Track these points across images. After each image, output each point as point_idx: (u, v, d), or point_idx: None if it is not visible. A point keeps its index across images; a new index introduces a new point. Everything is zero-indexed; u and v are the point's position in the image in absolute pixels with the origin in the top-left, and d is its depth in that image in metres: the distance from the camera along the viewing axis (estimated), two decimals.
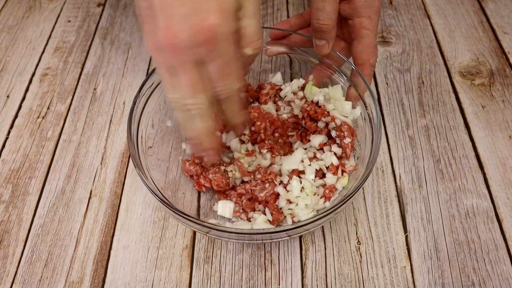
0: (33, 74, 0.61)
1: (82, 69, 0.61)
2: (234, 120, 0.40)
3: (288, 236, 0.40)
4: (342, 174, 0.44)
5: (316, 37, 0.46)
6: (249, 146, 0.47)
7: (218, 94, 0.36)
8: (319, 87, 0.50)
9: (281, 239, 0.43)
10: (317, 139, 0.46)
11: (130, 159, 0.51)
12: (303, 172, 0.45)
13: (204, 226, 0.38)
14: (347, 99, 0.48)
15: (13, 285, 0.43)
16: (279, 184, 0.44)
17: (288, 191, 0.43)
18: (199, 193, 0.48)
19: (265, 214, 0.43)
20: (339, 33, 0.48)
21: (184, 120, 0.37)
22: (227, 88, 0.36)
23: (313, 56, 0.50)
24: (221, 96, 0.36)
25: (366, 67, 0.46)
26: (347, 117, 0.47)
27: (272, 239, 0.41)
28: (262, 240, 0.41)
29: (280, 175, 0.45)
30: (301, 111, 0.48)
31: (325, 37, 0.45)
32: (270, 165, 0.46)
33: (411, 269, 0.43)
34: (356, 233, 0.45)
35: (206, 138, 0.38)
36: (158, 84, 0.47)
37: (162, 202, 0.39)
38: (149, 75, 0.46)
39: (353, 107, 0.47)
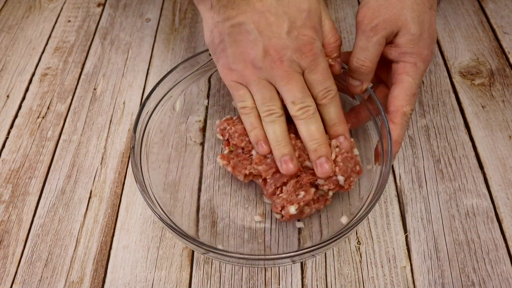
0: (33, 74, 0.61)
1: (82, 69, 0.61)
2: (338, 127, 0.41)
3: (292, 262, 0.39)
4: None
5: (351, 76, 0.43)
6: None
7: (322, 99, 0.39)
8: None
9: (283, 265, 0.43)
10: None
11: (130, 160, 0.51)
12: None
13: (203, 248, 0.37)
14: (375, 157, 0.44)
15: (13, 285, 0.43)
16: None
17: None
18: (198, 194, 0.48)
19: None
20: (384, 78, 0.45)
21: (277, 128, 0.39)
22: (330, 90, 0.39)
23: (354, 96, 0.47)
24: (324, 100, 0.39)
25: (398, 114, 0.41)
26: None
27: (274, 264, 0.41)
28: (264, 265, 0.41)
29: None
30: None
31: (361, 78, 0.42)
32: None
33: (411, 269, 0.43)
34: (356, 233, 0.45)
35: (319, 139, 0.39)
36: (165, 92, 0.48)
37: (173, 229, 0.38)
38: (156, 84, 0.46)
39: (378, 164, 0.43)
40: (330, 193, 0.42)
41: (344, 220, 0.43)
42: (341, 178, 0.40)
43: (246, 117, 0.40)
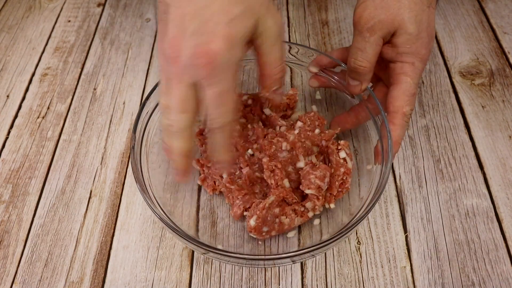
0: (33, 74, 0.61)
1: (82, 69, 0.61)
2: (217, 155, 0.37)
3: (292, 262, 0.39)
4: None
5: (350, 76, 0.43)
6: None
7: (209, 123, 0.34)
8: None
9: (283, 265, 0.43)
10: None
11: (130, 160, 0.51)
12: None
13: (202, 248, 0.37)
14: (375, 156, 0.44)
15: (13, 285, 0.43)
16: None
17: None
18: (198, 194, 0.48)
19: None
20: (382, 77, 0.45)
21: (164, 131, 0.35)
22: (219, 118, 0.34)
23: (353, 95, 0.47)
24: (211, 126, 0.34)
25: (398, 115, 0.41)
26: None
27: (274, 265, 0.41)
28: (264, 265, 0.41)
29: None
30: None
31: (360, 79, 0.42)
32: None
33: (411, 269, 0.43)
34: (356, 233, 0.45)
35: (178, 157, 0.36)
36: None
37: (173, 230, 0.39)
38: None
39: (378, 163, 0.43)
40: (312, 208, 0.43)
41: (344, 220, 0.43)
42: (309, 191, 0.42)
43: None
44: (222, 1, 0.31)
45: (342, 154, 0.44)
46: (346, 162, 0.44)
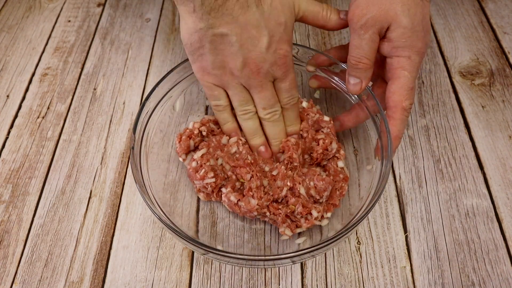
0: (33, 74, 0.61)
1: (82, 69, 0.61)
2: (294, 127, 0.46)
3: (292, 262, 0.39)
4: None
5: (350, 74, 0.43)
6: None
7: (286, 104, 0.44)
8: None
9: (283, 265, 0.43)
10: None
11: (130, 160, 0.51)
12: None
13: (202, 248, 0.38)
14: (375, 151, 0.45)
15: (13, 285, 0.43)
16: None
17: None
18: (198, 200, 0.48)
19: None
20: (381, 73, 0.45)
21: (251, 127, 0.45)
22: (294, 97, 0.44)
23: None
24: (287, 105, 0.44)
25: (397, 110, 0.41)
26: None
27: (274, 265, 0.41)
28: (264, 265, 0.41)
29: None
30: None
31: (360, 76, 0.42)
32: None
33: (411, 269, 0.43)
34: (356, 233, 0.45)
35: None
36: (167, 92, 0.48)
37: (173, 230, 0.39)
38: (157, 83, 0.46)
39: (378, 158, 0.43)
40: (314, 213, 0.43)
41: (344, 220, 0.43)
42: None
43: (220, 114, 0.46)
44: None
45: (340, 164, 0.46)
46: (344, 170, 0.46)
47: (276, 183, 0.43)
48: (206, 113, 0.54)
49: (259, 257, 0.38)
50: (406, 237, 0.45)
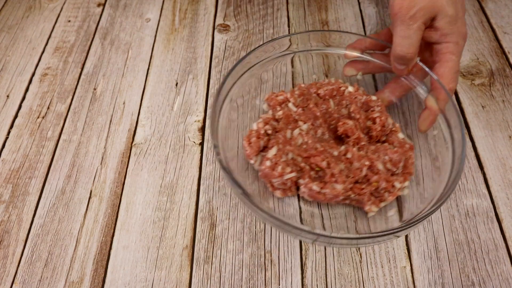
0: (33, 74, 0.61)
1: (82, 69, 0.61)
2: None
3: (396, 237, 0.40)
4: None
5: (397, 62, 0.46)
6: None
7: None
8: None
9: (384, 242, 0.43)
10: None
11: (130, 160, 0.51)
12: None
13: (311, 233, 0.37)
14: (423, 112, 0.47)
15: (13, 285, 0.43)
16: None
17: None
18: (198, 194, 0.48)
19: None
20: (424, 58, 0.48)
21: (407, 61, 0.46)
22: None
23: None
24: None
25: (443, 91, 0.45)
26: None
27: (378, 242, 0.41)
28: (365, 244, 0.41)
29: None
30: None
31: (407, 63, 0.46)
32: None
33: (411, 269, 0.43)
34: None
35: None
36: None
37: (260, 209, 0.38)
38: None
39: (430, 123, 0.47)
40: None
41: (391, 213, 0.45)
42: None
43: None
44: None
45: (401, 135, 0.48)
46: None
47: (354, 165, 0.44)
48: (205, 113, 0.54)
49: (369, 235, 0.38)
50: (406, 237, 0.45)
